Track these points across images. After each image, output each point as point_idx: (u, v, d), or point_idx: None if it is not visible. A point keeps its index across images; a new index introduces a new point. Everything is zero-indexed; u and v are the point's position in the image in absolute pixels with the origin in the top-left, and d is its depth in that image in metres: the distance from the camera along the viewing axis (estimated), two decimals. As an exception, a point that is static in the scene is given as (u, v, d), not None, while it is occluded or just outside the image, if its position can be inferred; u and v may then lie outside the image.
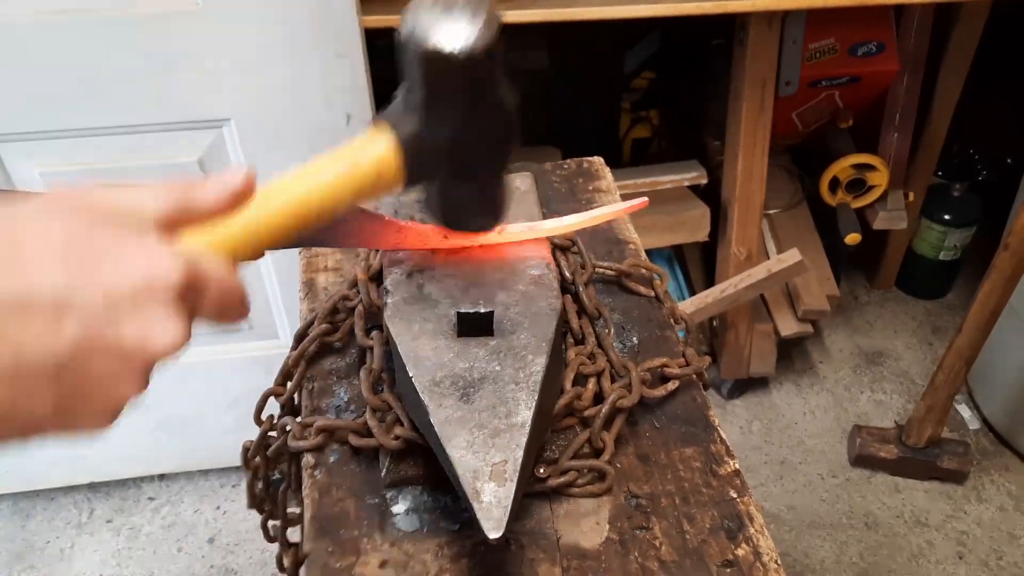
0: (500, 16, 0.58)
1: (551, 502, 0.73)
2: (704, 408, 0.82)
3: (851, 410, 2.20)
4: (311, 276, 0.99)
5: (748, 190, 1.96)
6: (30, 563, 1.87)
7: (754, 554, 0.69)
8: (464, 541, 0.70)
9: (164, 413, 1.85)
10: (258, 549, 1.88)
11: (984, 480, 2.02)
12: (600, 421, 0.74)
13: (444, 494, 0.73)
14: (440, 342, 0.69)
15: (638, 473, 0.75)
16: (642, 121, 2.49)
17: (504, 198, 0.70)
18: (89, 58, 1.35)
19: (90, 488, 2.00)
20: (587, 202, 1.09)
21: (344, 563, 0.68)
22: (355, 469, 0.76)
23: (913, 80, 2.06)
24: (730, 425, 2.16)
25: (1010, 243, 1.60)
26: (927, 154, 2.20)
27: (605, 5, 1.58)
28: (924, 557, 1.87)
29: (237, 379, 1.80)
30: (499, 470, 0.61)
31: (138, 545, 1.90)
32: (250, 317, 1.74)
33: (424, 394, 0.65)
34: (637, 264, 0.94)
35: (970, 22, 1.98)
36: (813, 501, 1.98)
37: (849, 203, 2.13)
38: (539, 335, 0.69)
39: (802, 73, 1.91)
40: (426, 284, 0.74)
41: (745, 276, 1.97)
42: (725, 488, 0.74)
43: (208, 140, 1.48)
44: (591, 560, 0.69)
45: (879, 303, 2.52)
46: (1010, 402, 2.07)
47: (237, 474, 2.02)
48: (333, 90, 1.44)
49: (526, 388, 0.66)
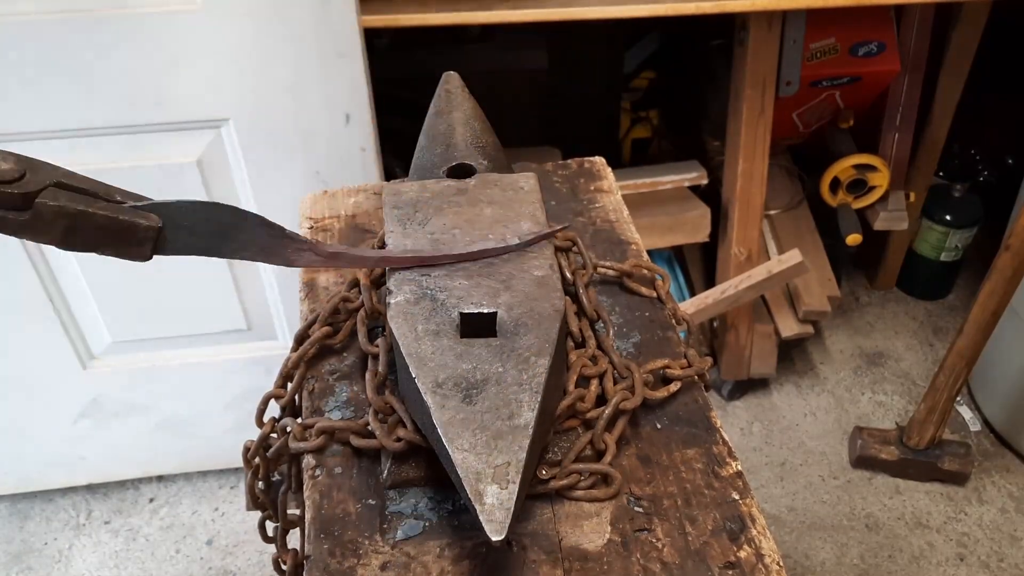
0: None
1: (553, 504, 0.73)
2: (706, 409, 0.81)
3: (852, 411, 2.19)
4: (312, 276, 0.98)
5: (748, 190, 1.96)
6: (28, 564, 1.86)
7: (756, 556, 0.69)
8: (465, 543, 0.69)
9: (163, 414, 1.85)
10: (257, 551, 1.88)
11: (985, 481, 2.02)
12: (603, 423, 0.74)
13: (446, 496, 0.73)
14: (443, 343, 0.69)
15: (640, 475, 0.75)
16: (642, 121, 2.49)
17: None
18: (89, 58, 1.35)
19: (88, 489, 1.99)
20: (588, 202, 1.08)
21: (345, 565, 0.68)
22: (356, 470, 0.75)
23: (913, 80, 2.06)
24: (730, 426, 2.16)
25: (1011, 244, 1.60)
26: (928, 154, 2.20)
27: (605, 5, 1.58)
28: (925, 559, 1.86)
29: (237, 379, 1.79)
30: (502, 472, 0.60)
31: (136, 547, 1.89)
32: (249, 317, 1.74)
33: (427, 395, 0.65)
34: (639, 265, 0.94)
35: (970, 22, 1.98)
36: (814, 502, 1.98)
37: (850, 203, 2.13)
38: (542, 336, 0.69)
39: (802, 73, 1.91)
40: (429, 284, 0.73)
41: (745, 277, 1.96)
42: (727, 490, 0.74)
43: (207, 140, 1.48)
44: (593, 562, 0.68)
45: (880, 304, 2.51)
46: (1011, 403, 2.07)
47: (236, 475, 2.01)
48: (333, 90, 1.44)
49: (529, 389, 0.65)
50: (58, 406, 1.79)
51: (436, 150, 0.89)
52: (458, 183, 0.84)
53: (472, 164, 0.87)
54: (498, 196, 0.82)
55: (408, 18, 1.52)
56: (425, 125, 0.93)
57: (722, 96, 1.98)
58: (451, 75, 0.97)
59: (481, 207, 0.81)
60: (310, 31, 1.37)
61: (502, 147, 0.93)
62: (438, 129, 0.91)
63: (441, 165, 0.87)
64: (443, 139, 0.90)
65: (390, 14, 1.50)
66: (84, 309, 1.66)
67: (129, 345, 1.74)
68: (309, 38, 1.38)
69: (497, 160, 0.89)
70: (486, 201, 0.82)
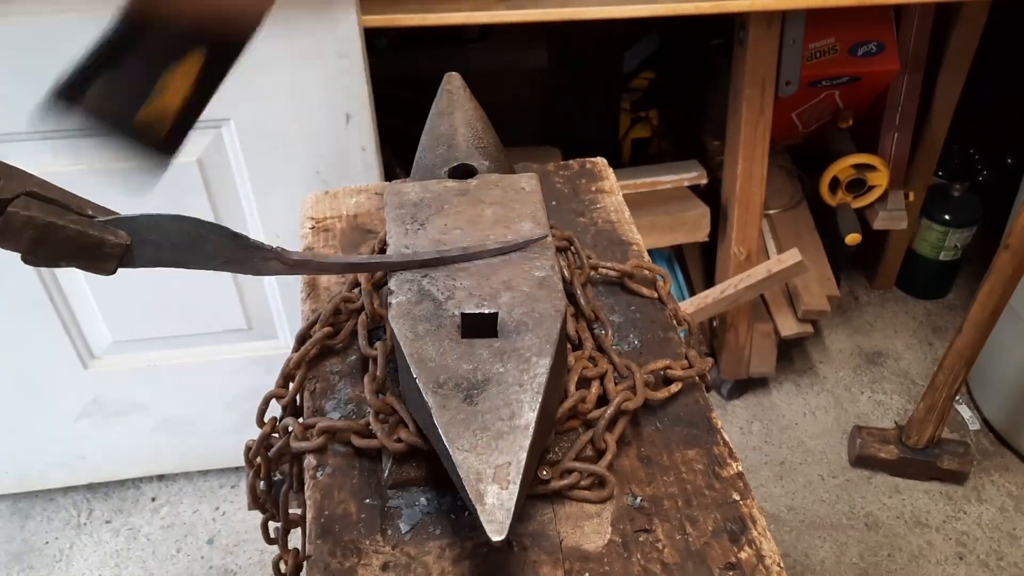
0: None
1: (553, 504, 0.73)
2: (706, 410, 0.81)
3: (851, 410, 2.20)
4: (313, 277, 0.98)
5: (748, 190, 1.96)
6: (29, 564, 1.86)
7: (757, 557, 0.69)
8: (466, 543, 0.69)
9: (163, 413, 1.85)
10: (257, 550, 1.88)
11: (984, 480, 2.02)
12: (604, 423, 0.74)
13: (447, 496, 0.73)
14: (444, 343, 0.69)
15: (640, 475, 0.75)
16: (642, 121, 2.49)
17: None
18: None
19: (89, 489, 1.99)
20: (590, 203, 1.08)
21: (346, 565, 0.68)
22: (357, 470, 0.76)
23: (913, 80, 2.06)
24: (730, 425, 2.16)
25: (1010, 243, 1.60)
26: (927, 154, 2.20)
27: (604, 5, 1.58)
28: (924, 558, 1.87)
29: (237, 379, 1.79)
30: (502, 472, 0.61)
31: (137, 546, 1.89)
32: (250, 317, 1.74)
33: (428, 395, 0.65)
34: (640, 265, 0.94)
35: (970, 22, 1.98)
36: (813, 502, 1.98)
37: (849, 203, 2.13)
38: (543, 337, 0.69)
39: (802, 73, 1.91)
40: (430, 285, 0.73)
41: (745, 276, 1.97)
42: (728, 490, 0.74)
43: (208, 140, 1.48)
44: (593, 562, 0.68)
45: (879, 303, 2.51)
46: (1010, 402, 2.07)
47: (236, 475, 2.01)
48: (333, 90, 1.44)
49: (530, 390, 0.65)
50: (59, 405, 1.79)
51: (438, 151, 0.89)
52: (460, 184, 0.84)
53: (474, 165, 0.87)
54: (499, 197, 0.82)
55: (408, 18, 1.52)
56: (427, 126, 0.93)
57: (722, 96, 1.98)
58: (453, 76, 0.97)
59: (482, 208, 0.81)
60: (311, 31, 1.37)
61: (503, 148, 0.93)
62: (440, 130, 0.91)
63: (443, 166, 0.88)
64: (445, 140, 0.90)
65: (390, 14, 1.50)
66: (85, 308, 1.66)
67: (130, 344, 1.74)
68: (310, 38, 1.38)
69: (499, 161, 0.89)
70: (488, 202, 0.82)
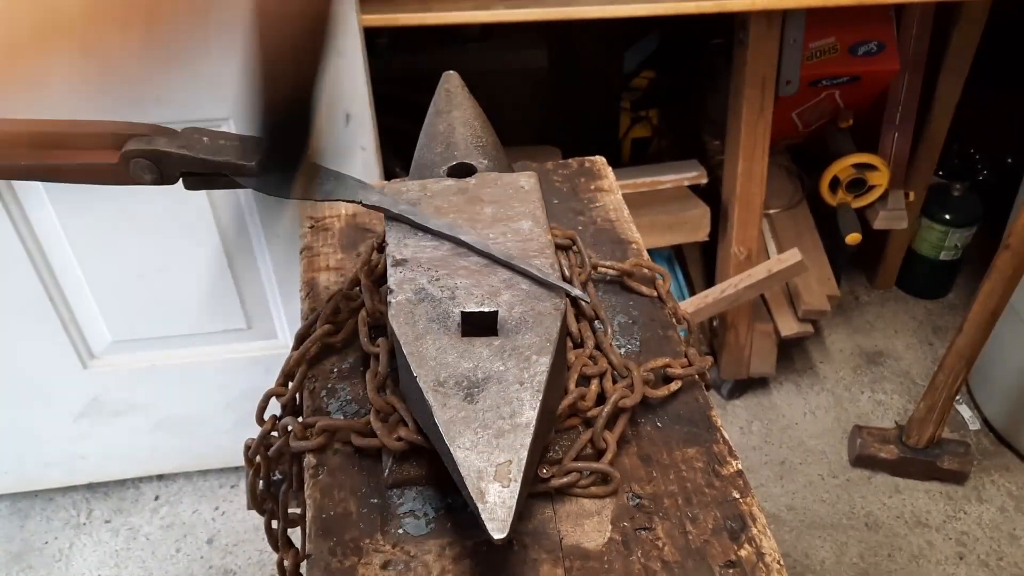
0: None
1: (554, 502, 0.73)
2: (706, 408, 0.81)
3: (851, 410, 2.20)
4: (312, 275, 0.98)
5: (748, 190, 1.96)
6: (28, 564, 1.86)
7: (757, 555, 0.69)
8: (466, 542, 0.69)
9: (163, 413, 1.85)
10: (257, 550, 1.88)
11: (984, 480, 2.02)
12: (602, 421, 0.74)
13: (447, 494, 0.73)
14: (444, 341, 0.69)
15: (640, 474, 0.75)
16: (642, 121, 2.49)
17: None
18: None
19: (88, 488, 1.99)
20: (589, 202, 1.08)
21: (346, 564, 0.68)
22: (357, 469, 0.76)
23: (913, 80, 2.06)
24: (730, 425, 2.16)
25: (1011, 243, 1.60)
26: (927, 154, 2.20)
27: (604, 4, 1.57)
28: (924, 558, 1.86)
29: (237, 379, 1.79)
30: (503, 471, 0.60)
31: (137, 546, 1.89)
32: (250, 317, 1.74)
33: (428, 394, 0.65)
34: (639, 264, 0.94)
35: (970, 22, 1.98)
36: (813, 501, 1.98)
37: (849, 203, 2.13)
38: (543, 335, 0.69)
39: (802, 72, 1.91)
40: (430, 283, 0.73)
41: (745, 276, 1.97)
42: (728, 488, 0.74)
43: (208, 140, 1.48)
44: (594, 561, 0.68)
45: (879, 303, 2.51)
46: (1010, 402, 2.07)
47: (236, 475, 2.01)
48: (333, 90, 1.44)
49: (530, 388, 0.65)
50: (58, 405, 1.79)
51: (436, 149, 0.89)
52: (458, 182, 0.84)
53: (472, 163, 0.87)
54: (498, 195, 0.82)
55: (408, 18, 1.52)
56: (425, 124, 0.93)
57: (722, 96, 1.98)
58: (451, 74, 0.97)
59: (481, 206, 0.81)
60: (310, 30, 1.37)
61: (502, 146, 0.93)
62: (438, 128, 0.91)
63: (441, 164, 0.87)
64: (443, 138, 0.90)
65: (390, 14, 1.50)
66: (84, 308, 1.66)
67: (129, 344, 1.74)
68: (309, 37, 1.38)
69: (497, 159, 0.89)
70: (486, 200, 0.82)
